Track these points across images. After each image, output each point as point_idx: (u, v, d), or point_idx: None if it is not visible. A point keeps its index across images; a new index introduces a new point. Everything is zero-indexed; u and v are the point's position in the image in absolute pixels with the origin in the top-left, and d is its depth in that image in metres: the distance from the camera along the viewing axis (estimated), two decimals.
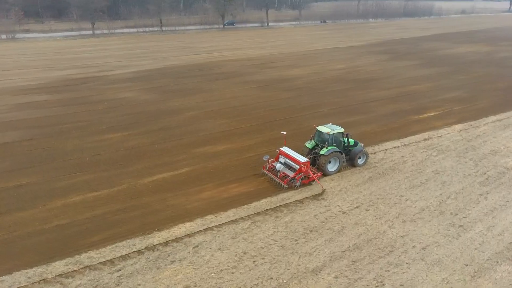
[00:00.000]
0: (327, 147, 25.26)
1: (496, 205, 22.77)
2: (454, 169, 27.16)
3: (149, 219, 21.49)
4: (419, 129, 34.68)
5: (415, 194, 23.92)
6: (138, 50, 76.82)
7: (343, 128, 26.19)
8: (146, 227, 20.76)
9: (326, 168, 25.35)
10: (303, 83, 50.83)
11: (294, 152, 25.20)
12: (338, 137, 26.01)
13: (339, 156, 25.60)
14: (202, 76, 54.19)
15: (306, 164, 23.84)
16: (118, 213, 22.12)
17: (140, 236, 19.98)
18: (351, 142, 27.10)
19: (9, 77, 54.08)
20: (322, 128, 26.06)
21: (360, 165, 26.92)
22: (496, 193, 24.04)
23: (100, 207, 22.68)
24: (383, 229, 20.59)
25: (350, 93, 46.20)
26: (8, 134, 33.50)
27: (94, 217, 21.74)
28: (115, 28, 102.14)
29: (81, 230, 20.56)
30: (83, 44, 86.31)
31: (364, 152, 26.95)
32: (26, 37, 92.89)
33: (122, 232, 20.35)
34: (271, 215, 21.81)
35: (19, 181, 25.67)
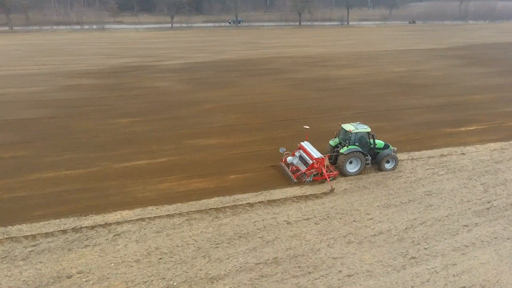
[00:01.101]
0: (347, 146, 23.84)
1: (476, 240, 18.74)
2: (453, 192, 23.01)
3: (95, 202, 21.87)
4: (444, 143, 30.17)
5: (384, 215, 20.79)
6: (202, 43, 79.30)
7: (369, 128, 24.25)
8: (87, 209, 21.14)
9: (345, 168, 23.94)
10: (345, 84, 47.63)
11: (313, 148, 24.37)
12: (363, 137, 24.33)
13: (361, 157, 23.88)
14: (245, 71, 53.89)
15: (320, 160, 22.92)
16: (74, 192, 22.91)
17: (75, 217, 20.41)
18: (379, 144, 25.16)
19: (75, 62, 59.74)
20: (346, 126, 24.52)
21: (387, 170, 24.84)
22: (488, 226, 19.79)
23: (63, 185, 23.71)
24: (319, 246, 18.24)
25: (389, 97, 42.03)
26: (37, 111, 36.93)
27: (51, 193, 22.80)
28: (194, 22, 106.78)
29: (31, 204, 21.68)
30: (157, 35, 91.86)
31: (393, 156, 24.72)
32: (113, 27, 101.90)
33: (63, 210, 20.99)
34: (212, 215, 20.71)
35: (15, 153, 28.07)
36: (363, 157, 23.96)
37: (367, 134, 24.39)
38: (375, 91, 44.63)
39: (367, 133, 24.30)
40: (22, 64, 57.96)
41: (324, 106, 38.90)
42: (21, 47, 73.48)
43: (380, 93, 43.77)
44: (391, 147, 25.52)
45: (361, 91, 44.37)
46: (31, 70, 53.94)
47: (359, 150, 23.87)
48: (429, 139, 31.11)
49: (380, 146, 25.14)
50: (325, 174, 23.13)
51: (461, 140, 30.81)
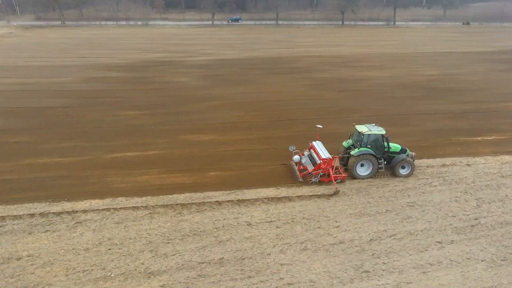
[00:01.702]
0: (359, 147, 23.05)
1: (445, 259, 17.09)
2: (440, 205, 21.17)
3: (72, 189, 22.55)
4: (451, 152, 27.93)
5: (353, 224, 19.57)
6: (236, 41, 79.61)
7: (384, 130, 23.23)
8: (62, 195, 21.83)
9: (355, 170, 23.11)
10: (368, 85, 45.60)
11: (323, 148, 23.68)
12: (378, 139, 23.33)
13: (373, 160, 22.93)
14: (269, 69, 53.31)
15: (328, 161, 22.27)
16: (57, 179, 23.79)
17: (48, 202, 21.13)
18: (395, 147, 24.14)
19: (110, 55, 62.29)
20: (359, 127, 23.61)
21: (402, 176, 23.63)
22: (465, 245, 17.99)
23: (50, 171, 24.71)
24: (270, 251, 17.52)
25: (409, 101, 39.63)
26: (55, 100, 38.88)
27: (36, 178, 23.83)
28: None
29: (14, 187, 22.79)
30: (196, 32, 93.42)
31: (408, 162, 23.38)
32: (157, 24, 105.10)
33: (40, 195, 21.83)
34: (176, 210, 20.61)
35: (20, 139, 29.71)
36: (375, 161, 22.96)
37: (381, 136, 23.27)
38: (397, 94, 42.28)
39: (381, 135, 23.20)
40: (61, 56, 61.40)
41: (336, 107, 37.46)
42: (67, 40, 77.98)
43: (402, 96, 41.38)
44: (408, 152, 24.26)
45: (382, 94, 42.22)
46: (67, 62, 56.97)
47: (371, 152, 22.89)
48: (437, 147, 28.91)
49: (396, 150, 24.05)
50: (332, 176, 22.35)
51: (472, 150, 28.33)
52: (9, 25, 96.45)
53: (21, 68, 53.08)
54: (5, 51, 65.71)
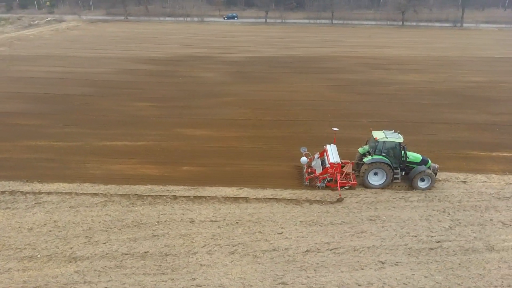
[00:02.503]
0: (372, 155, 21.88)
1: (379, 281, 15.58)
2: (405, 223, 19.27)
3: (50, 171, 23.94)
4: (453, 166, 25.25)
5: (297, 232, 18.57)
6: (281, 39, 78.80)
7: (401, 138, 21.75)
8: (38, 176, 23.24)
9: (367, 179, 21.84)
10: (396, 89, 42.71)
11: (336, 152, 22.66)
12: (395, 147, 21.94)
13: (386, 169, 21.49)
14: (299, 68, 52.13)
15: (336, 166, 21.32)
16: (42, 161, 25.41)
17: (22, 182, 22.63)
18: (415, 158, 22.44)
19: (152, 49, 64.99)
20: (376, 133, 22.32)
21: (421, 189, 21.87)
22: (409, 269, 16.23)
23: (40, 153, 26.45)
24: (198, 250, 17.29)
25: (434, 109, 36.43)
26: (81, 89, 41.47)
27: (25, 159, 25.66)
28: (289, 18, 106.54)
29: (4, 165, 24.69)
30: (246, 29, 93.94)
31: (428, 174, 21.55)
32: (212, 20, 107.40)
33: (20, 175, 23.43)
34: (130, 201, 21.03)
35: (31, 122, 32.14)
36: (389, 170, 21.47)
37: (398, 144, 21.74)
38: (425, 100, 39.04)
39: (398, 143, 21.69)
40: (109, 49, 65.29)
41: (348, 111, 35.58)
42: (121, 34, 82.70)
43: (429, 103, 38.14)
44: (430, 163, 22.44)
45: (408, 99, 39.27)
46: (111, 54, 60.44)
47: (385, 161, 21.48)
48: (439, 159, 26.05)
49: (416, 160, 22.31)
50: (338, 182, 21.18)
51: (479, 166, 25.36)
52: (80, 19, 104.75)
53: (69, 58, 57.30)
54: (64, 42, 71.40)
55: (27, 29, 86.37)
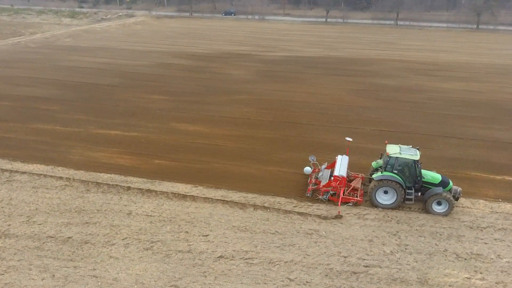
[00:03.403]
0: (382, 171, 20.01)
1: None
2: (344, 241, 17.79)
3: (38, 153, 26.03)
4: None
5: (223, 237, 18.07)
6: (331, 39, 76.22)
7: (418, 155, 19.59)
8: (25, 157, 25.37)
9: (374, 197, 19.96)
10: (426, 98, 39.15)
11: (345, 164, 21.32)
12: (409, 165, 19.72)
13: (397, 189, 19.40)
14: (330, 69, 50.15)
15: (340, 179, 19.86)
16: (38, 143, 27.69)
17: (8, 160, 24.85)
18: (433, 178, 20.12)
19: (197, 45, 66.86)
20: (389, 147, 20.32)
21: (437, 213, 19.38)
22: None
23: (41, 136, 28.79)
24: (116, 242, 17.57)
25: (456, 122, 32.81)
26: (111, 79, 44.10)
27: (26, 140, 28.15)
28: (352, 18, 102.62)
29: (3, 144, 27.27)
30: (302, 28, 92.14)
31: (445, 198, 19.07)
32: (273, 19, 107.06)
33: (10, 154, 25.82)
34: (87, 187, 22.06)
35: (50, 107, 35.00)
36: (400, 189, 19.37)
37: (413, 162, 19.48)
38: (452, 111, 35.28)
39: (412, 161, 19.45)
40: (159, 43, 68.42)
41: (358, 117, 33.49)
42: (178, 30, 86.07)
43: (454, 115, 34.43)
44: (452, 185, 20.02)
45: (432, 109, 35.81)
46: (158, 48, 63.31)
47: (396, 179, 19.43)
48: None
49: (434, 181, 19.98)
50: (341, 197, 19.78)
51: (472, 189, 22.46)
52: (149, 14, 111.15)
53: (118, 50, 61.21)
54: (123, 36, 76.35)
55: (99, 23, 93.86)
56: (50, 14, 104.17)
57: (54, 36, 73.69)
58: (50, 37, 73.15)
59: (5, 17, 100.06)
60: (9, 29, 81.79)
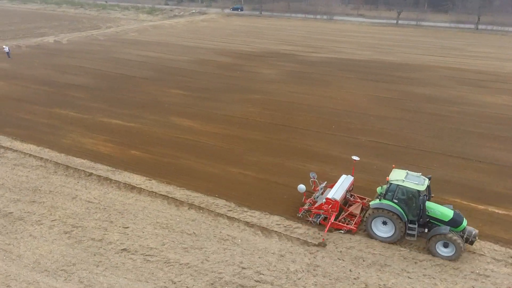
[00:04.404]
0: (381, 198, 17.62)
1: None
2: (251, 252, 17.21)
3: (40, 135, 28.91)
4: None
5: (140, 231, 18.48)
6: (391, 42, 71.41)
7: (424, 185, 16.70)
8: (25, 136, 28.35)
9: (370, 227, 17.67)
10: (452, 111, 35.03)
11: (345, 186, 19.50)
12: (409, 194, 17.24)
13: (396, 221, 16.94)
14: (367, 74, 47.27)
15: (333, 203, 18.01)
16: (46, 126, 30.62)
17: (10, 138, 27.98)
18: (443, 214, 17.01)
19: (248, 43, 67.52)
20: (395, 172, 17.88)
21: (441, 257, 16.51)
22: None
23: (53, 120, 31.83)
24: (45, 222, 18.91)
25: (472, 140, 28.97)
26: (145, 72, 46.79)
27: (38, 122, 31.37)
28: (427, 20, 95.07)
29: (14, 122, 30.72)
30: (365, 30, 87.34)
31: (452, 240, 15.94)
32: (342, 19, 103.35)
33: (16, 133, 29.11)
34: (56, 169, 24.02)
35: (78, 94, 38.36)
36: (399, 222, 16.87)
37: (417, 193, 16.81)
38: (476, 128, 31.20)
39: (416, 191, 16.78)
40: (213, 40, 70.43)
41: (363, 126, 31.37)
42: (239, 28, 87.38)
43: (478, 132, 30.48)
44: (465, 226, 16.82)
45: (455, 124, 32.05)
46: (209, 45, 65.26)
47: (394, 210, 16.95)
48: None
49: (443, 218, 16.88)
50: (330, 222, 17.93)
51: None
52: (220, 12, 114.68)
53: (171, 45, 64.45)
54: (184, 32, 79.98)
55: (170, 19, 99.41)
56: (132, 10, 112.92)
57: (124, 31, 79.85)
58: (120, 31, 79.41)
59: (93, 12, 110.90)
60: (91, 23, 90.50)
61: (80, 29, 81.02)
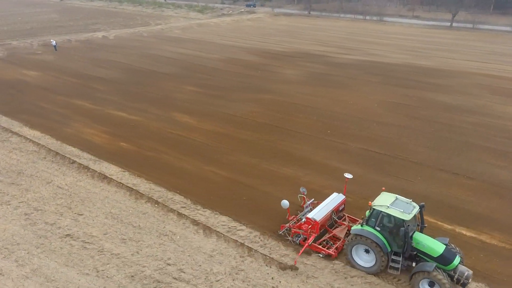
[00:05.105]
0: (363, 224, 16.04)
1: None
2: (183, 249, 17.50)
3: (50, 123, 31.30)
4: None
5: (91, 219, 19.41)
6: (431, 45, 66.91)
7: (411, 215, 14.77)
8: (37, 125, 30.69)
9: (350, 254, 16.14)
10: (469, 122, 32.29)
11: (333, 205, 18.15)
12: (392, 222, 15.40)
13: (376, 250, 15.31)
14: (392, 78, 45.03)
15: (313, 223, 16.82)
16: (59, 115, 33.05)
17: (20, 123, 30.60)
18: (429, 247, 15.03)
19: (281, 43, 67.13)
20: (382, 196, 16.18)
21: None
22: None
23: (68, 110, 34.25)
24: (11, 201, 20.49)
25: (476, 154, 26.67)
26: (171, 68, 48.57)
27: (53, 111, 33.94)
28: (487, 23, 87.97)
29: (33, 111, 33.37)
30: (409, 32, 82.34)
31: (436, 279, 14.14)
32: (392, 21, 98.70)
33: (32, 120, 31.61)
34: (47, 156, 25.91)
35: (99, 87, 40.89)
36: (379, 252, 15.19)
37: (402, 223, 14.79)
38: (485, 142, 28.55)
39: (401, 221, 14.78)
40: (249, 39, 70.90)
41: (358, 132, 30.16)
42: (281, 27, 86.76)
43: (485, 146, 27.96)
44: (456, 264, 14.72)
45: (464, 136, 29.59)
46: (243, 44, 65.87)
47: (375, 239, 15.26)
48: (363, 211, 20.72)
49: (432, 253, 14.92)
50: (306, 244, 16.71)
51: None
52: (269, 12, 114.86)
53: (206, 43, 66.04)
54: (225, 31, 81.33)
55: (218, 18, 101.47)
56: (184, 8, 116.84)
57: (169, 28, 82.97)
58: (166, 28, 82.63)
59: (149, 9, 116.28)
60: (143, 20, 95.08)
61: (130, 26, 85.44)
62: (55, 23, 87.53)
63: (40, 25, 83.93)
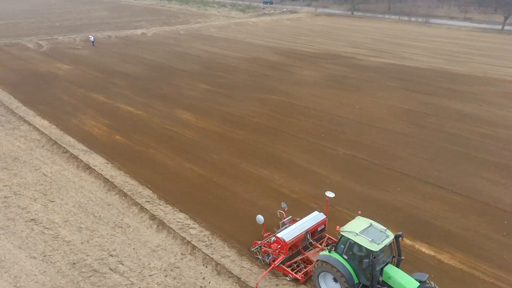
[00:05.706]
0: (330, 250, 14.52)
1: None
2: (131, 241, 18.08)
3: (60, 114, 33.33)
4: None
5: (65, 212, 20.61)
6: (473, 50, 62.48)
7: (380, 244, 13.17)
8: (48, 116, 32.89)
9: (316, 280, 14.97)
10: (479, 133, 30.08)
11: (306, 225, 16.72)
12: (359, 251, 13.87)
13: (341, 281, 13.95)
14: (413, 83, 42.93)
15: (282, 243, 15.67)
16: (70, 106, 35.22)
17: (35, 115, 32.82)
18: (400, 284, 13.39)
19: (312, 43, 66.25)
20: (355, 220, 14.72)
21: None
22: None
23: (80, 102, 36.36)
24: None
25: (472, 168, 24.80)
26: (192, 66, 49.87)
27: (69, 102, 36.15)
28: None
29: (52, 102, 35.78)
30: (452, 35, 77.22)
31: None
32: (438, 23, 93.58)
33: (45, 110, 33.96)
34: (45, 144, 27.76)
35: (119, 81, 42.77)
36: (343, 282, 13.84)
37: (369, 254, 13.16)
38: (487, 155, 26.41)
39: (369, 252, 13.19)
40: (280, 38, 70.64)
41: (354, 137, 29.26)
42: (316, 27, 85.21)
43: (485, 159, 25.94)
44: None
45: (466, 147, 27.55)
46: (272, 43, 65.73)
47: (341, 268, 13.84)
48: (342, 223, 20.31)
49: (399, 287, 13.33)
50: (272, 265, 15.76)
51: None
52: (311, 11, 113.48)
53: (235, 42, 66.83)
54: (260, 30, 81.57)
55: (259, 17, 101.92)
56: (228, 7, 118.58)
57: (207, 26, 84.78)
58: (203, 26, 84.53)
59: (194, 8, 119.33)
60: (184, 18, 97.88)
61: (170, 24, 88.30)
62: (103, 20, 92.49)
63: (89, 21, 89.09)
